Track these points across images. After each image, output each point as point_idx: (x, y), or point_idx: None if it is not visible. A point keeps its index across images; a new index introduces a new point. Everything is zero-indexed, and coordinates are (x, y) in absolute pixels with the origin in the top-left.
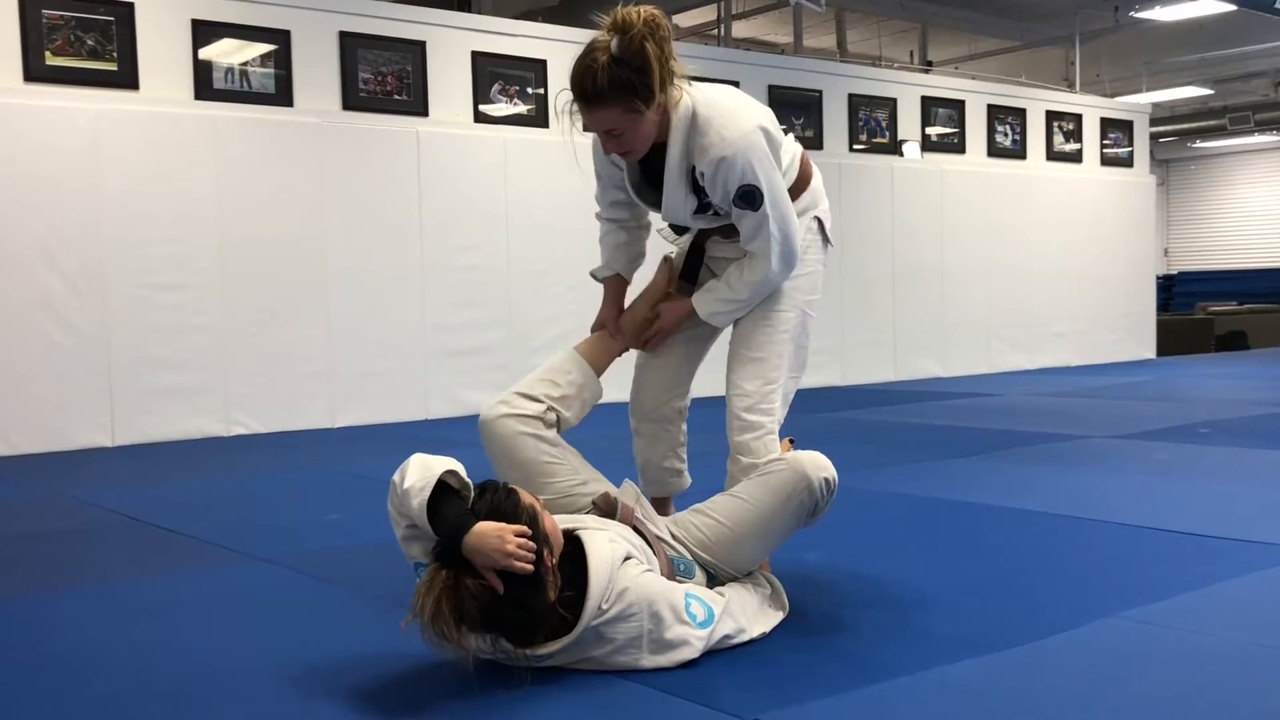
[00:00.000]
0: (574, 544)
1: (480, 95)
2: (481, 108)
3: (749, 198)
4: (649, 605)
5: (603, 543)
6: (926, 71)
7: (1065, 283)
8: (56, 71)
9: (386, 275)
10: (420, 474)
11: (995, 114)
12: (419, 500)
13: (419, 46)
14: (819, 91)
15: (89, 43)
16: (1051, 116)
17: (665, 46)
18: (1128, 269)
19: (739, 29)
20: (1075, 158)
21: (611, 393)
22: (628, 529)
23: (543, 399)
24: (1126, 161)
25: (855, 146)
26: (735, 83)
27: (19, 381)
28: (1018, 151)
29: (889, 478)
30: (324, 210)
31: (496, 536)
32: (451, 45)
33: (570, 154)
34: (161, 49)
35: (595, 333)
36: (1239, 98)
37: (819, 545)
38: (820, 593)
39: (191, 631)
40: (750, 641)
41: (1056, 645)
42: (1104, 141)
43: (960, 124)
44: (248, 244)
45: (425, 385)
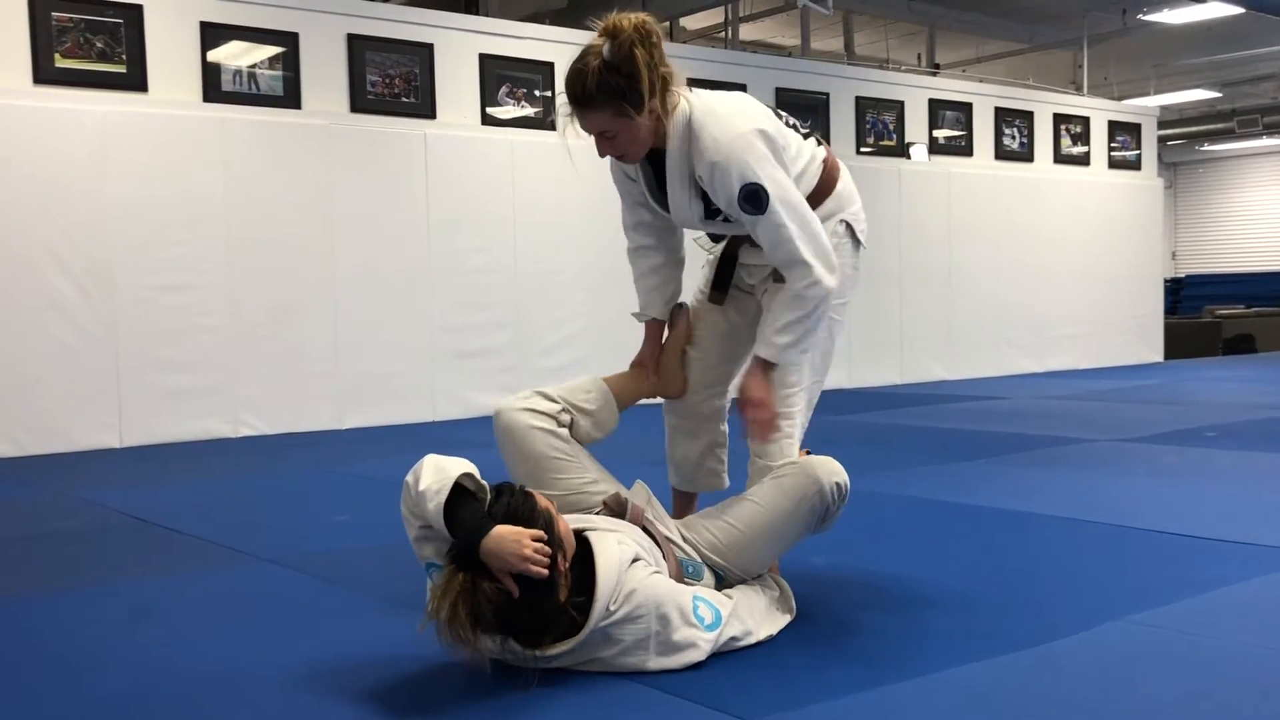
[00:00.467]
0: (583, 545)
1: (488, 97)
2: (489, 110)
3: (754, 199)
4: (657, 607)
5: (611, 544)
6: (934, 74)
7: (1073, 285)
8: (65, 74)
9: (394, 277)
10: (436, 476)
11: (1003, 117)
12: (436, 503)
13: (427, 49)
14: (826, 94)
15: (98, 45)
16: (1059, 119)
17: (655, 53)
18: (1135, 272)
19: (746, 31)
20: (1083, 160)
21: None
22: (637, 530)
23: (560, 401)
24: (1134, 164)
25: (862, 149)
26: (742, 85)
27: (26, 382)
28: (1025, 154)
29: (896, 480)
30: (331, 212)
31: (514, 541)
32: (459, 47)
33: (576, 156)
34: (170, 51)
35: (632, 369)
36: (1247, 100)
37: (826, 548)
38: (827, 595)
39: (197, 632)
40: (757, 644)
41: (1063, 648)
42: (1112, 144)
43: (968, 127)
44: (255, 245)
45: (433, 387)
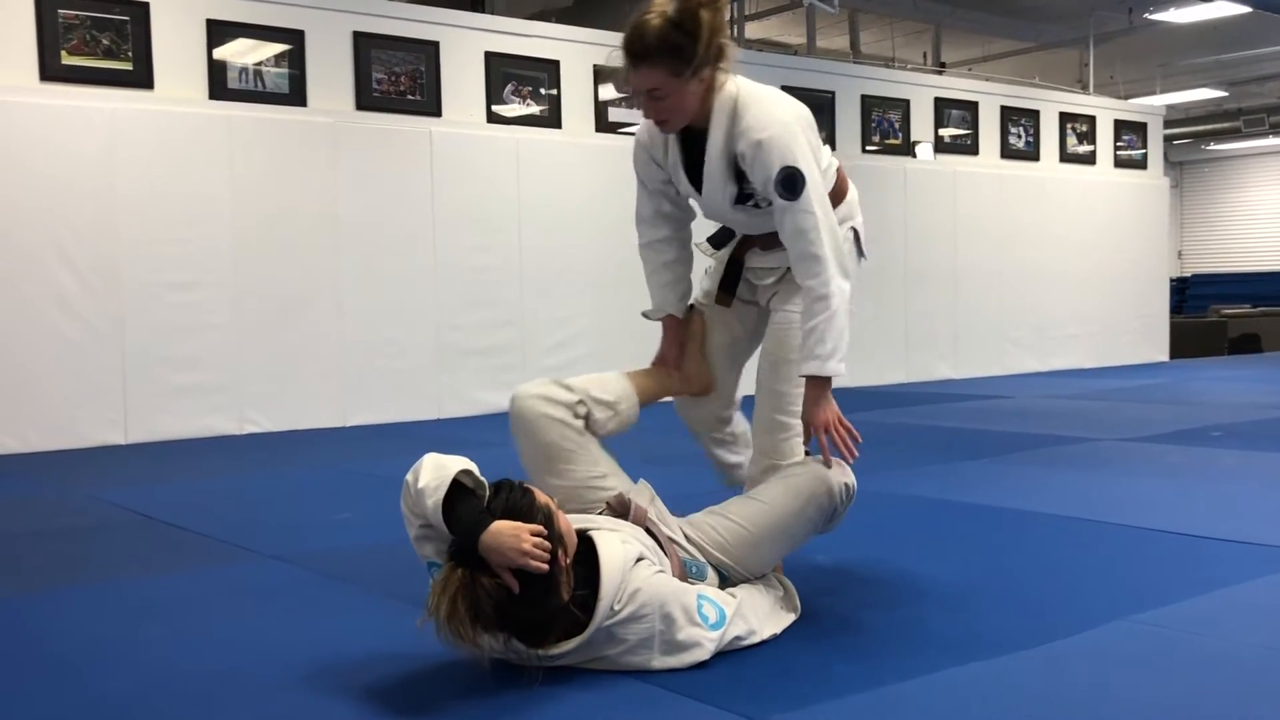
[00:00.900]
0: (586, 544)
1: (493, 96)
2: (494, 108)
3: (790, 183)
4: (661, 606)
5: (615, 544)
6: (940, 73)
7: (1078, 285)
8: (72, 71)
9: (399, 275)
10: (435, 473)
11: (1008, 116)
12: (434, 500)
13: (432, 47)
14: (832, 93)
15: (104, 42)
16: (1065, 118)
17: (720, 19)
18: (1141, 271)
19: (752, 30)
20: (1089, 160)
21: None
22: (640, 530)
23: (577, 392)
24: (1140, 164)
25: (868, 148)
26: None
27: (33, 379)
28: (1031, 153)
29: (900, 479)
30: (337, 210)
31: (512, 535)
32: (465, 46)
33: (581, 151)
34: (176, 49)
35: (654, 366)
36: (1253, 100)
37: (830, 547)
38: (831, 594)
39: (199, 629)
40: (762, 643)
41: (1067, 648)
42: (1118, 143)
43: (973, 125)
44: (261, 243)
45: (437, 385)
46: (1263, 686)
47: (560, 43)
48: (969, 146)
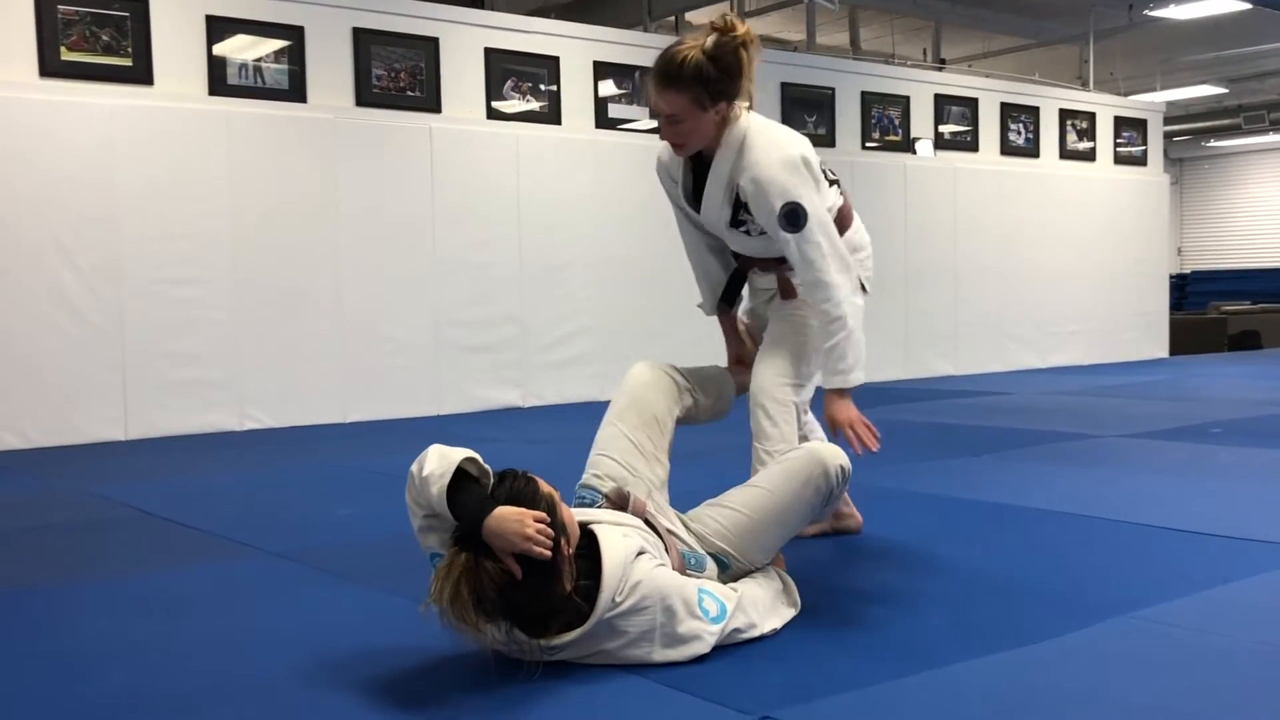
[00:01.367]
0: (588, 537)
1: (493, 92)
2: (494, 104)
3: (793, 217)
4: (662, 599)
5: (617, 536)
6: (940, 69)
7: (1078, 281)
8: (71, 67)
9: (399, 271)
10: (439, 462)
11: (1008, 112)
12: (438, 487)
13: (432, 43)
14: (832, 89)
15: (104, 38)
16: (1065, 115)
17: (752, 63)
18: (1141, 268)
19: (752, 26)
20: (1089, 156)
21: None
22: (640, 522)
23: (689, 381)
24: (1140, 160)
25: (868, 144)
26: None
27: (33, 374)
28: (1031, 150)
29: (900, 475)
30: (337, 206)
31: (516, 521)
32: (464, 41)
33: (581, 148)
34: (176, 45)
35: (733, 365)
36: (1254, 96)
37: (829, 542)
38: (831, 590)
39: (201, 625)
40: (762, 637)
41: (1066, 644)
42: (1118, 140)
43: (973, 122)
44: (261, 239)
45: (438, 381)
46: (1261, 683)
47: (560, 39)
48: (969, 143)
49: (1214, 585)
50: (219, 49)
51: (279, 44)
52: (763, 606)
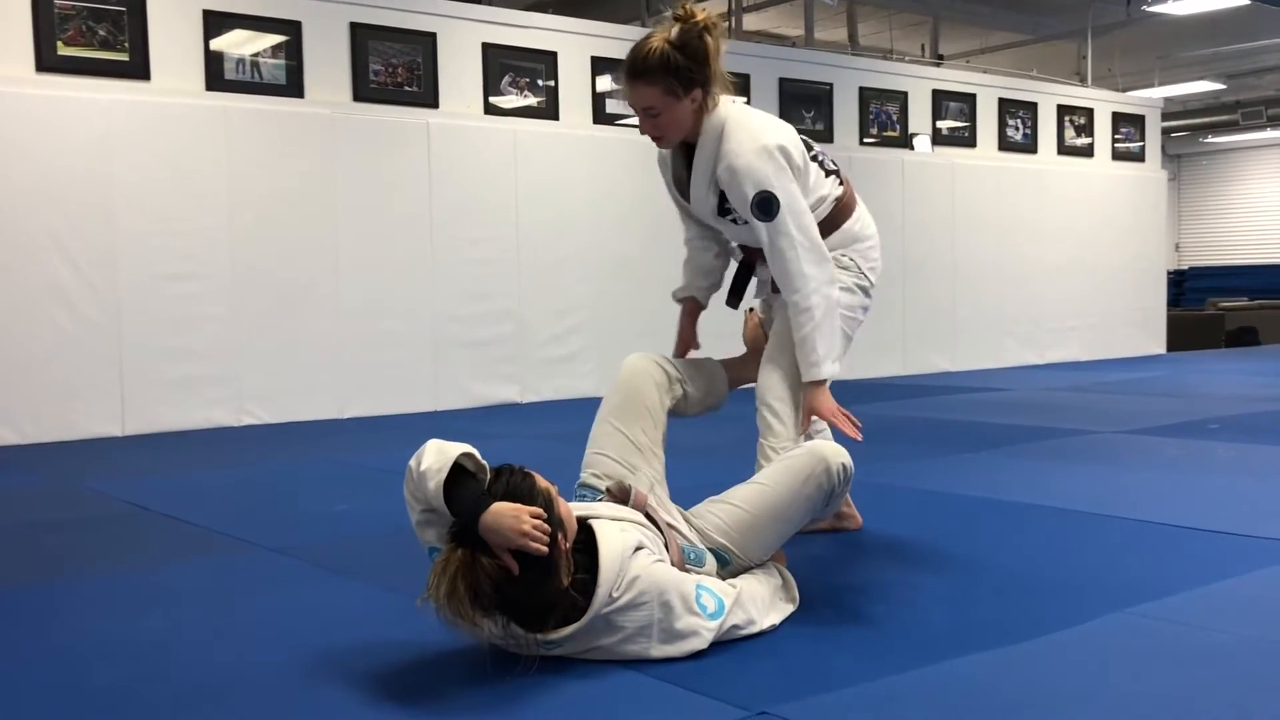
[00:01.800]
0: (586, 532)
1: (491, 87)
2: (492, 99)
3: (765, 206)
4: (659, 594)
5: (614, 531)
6: (938, 65)
7: (1076, 277)
8: (68, 62)
9: (397, 267)
10: (437, 457)
11: (1006, 108)
12: (435, 482)
13: (430, 38)
14: (830, 84)
15: (101, 33)
16: (1063, 111)
17: (718, 45)
18: (1138, 264)
19: (750, 21)
20: (1087, 152)
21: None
22: (640, 516)
23: (681, 372)
24: (1138, 156)
25: (866, 140)
26: (746, 76)
27: (30, 370)
28: (1029, 146)
29: (897, 472)
30: (334, 201)
31: (513, 516)
32: (462, 37)
33: (579, 143)
34: (173, 40)
35: (680, 354)
36: (1252, 92)
37: (828, 539)
38: (830, 586)
39: (199, 620)
40: (760, 633)
41: (1064, 640)
42: (1115, 136)
43: (971, 118)
44: (258, 235)
45: (435, 377)
46: (1259, 679)
47: (558, 34)
48: (967, 139)
49: (1212, 581)
50: (216, 44)
51: (276, 39)
52: (762, 602)
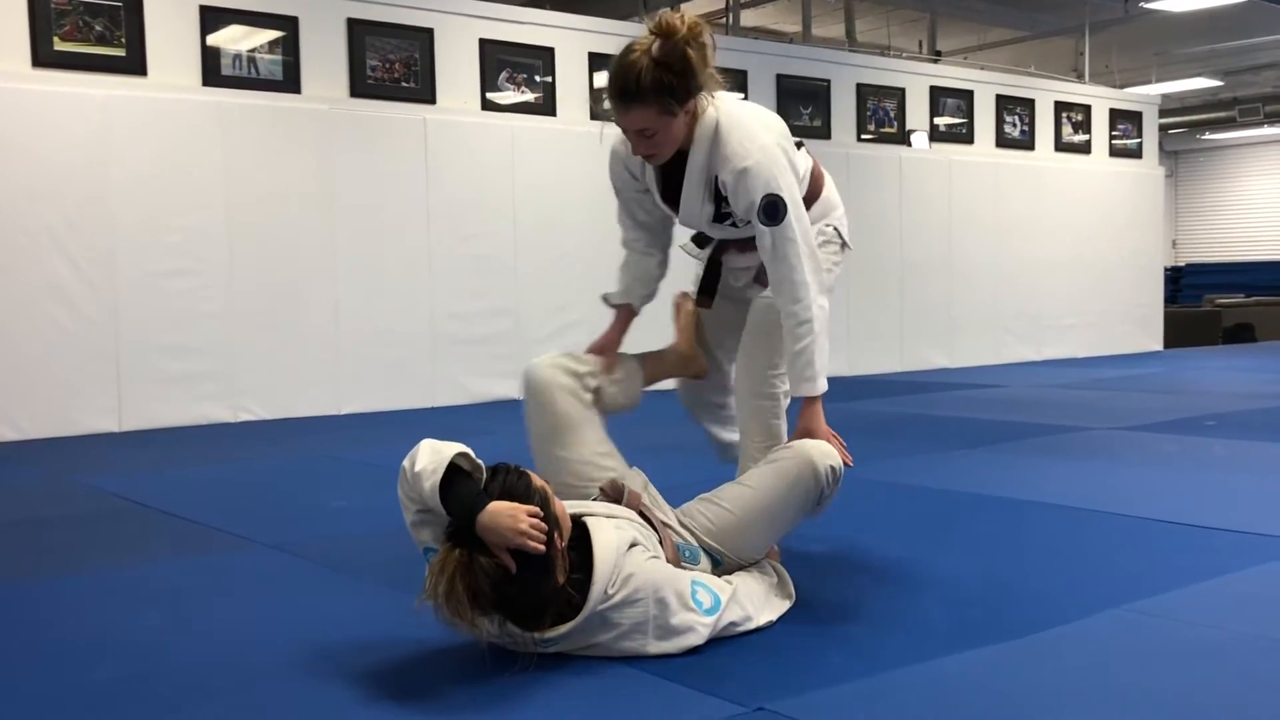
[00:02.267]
0: (580, 530)
1: (488, 83)
2: (489, 95)
3: (773, 209)
4: (655, 591)
5: (609, 529)
6: (935, 61)
7: (1073, 274)
8: (64, 57)
9: (394, 263)
10: (431, 457)
11: (1004, 104)
12: (431, 483)
13: (427, 33)
14: (827, 81)
15: (97, 28)
16: (1060, 107)
17: (705, 54)
18: (1135, 260)
19: (747, 18)
20: (1084, 149)
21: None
22: (634, 514)
23: (591, 365)
24: (1135, 153)
25: (863, 136)
26: (744, 72)
27: (27, 366)
28: (1026, 142)
29: (894, 468)
30: (331, 197)
31: (510, 516)
32: (459, 32)
33: (576, 139)
34: (169, 35)
35: (596, 354)
36: (1249, 89)
37: (824, 535)
38: (825, 582)
39: (196, 617)
40: (756, 629)
41: (1060, 637)
42: (1113, 133)
43: (969, 114)
44: (255, 231)
45: (432, 373)
46: (1256, 675)
47: (555, 29)
48: (964, 135)
49: (1209, 578)
50: (212, 39)
51: (273, 34)
52: (757, 599)
